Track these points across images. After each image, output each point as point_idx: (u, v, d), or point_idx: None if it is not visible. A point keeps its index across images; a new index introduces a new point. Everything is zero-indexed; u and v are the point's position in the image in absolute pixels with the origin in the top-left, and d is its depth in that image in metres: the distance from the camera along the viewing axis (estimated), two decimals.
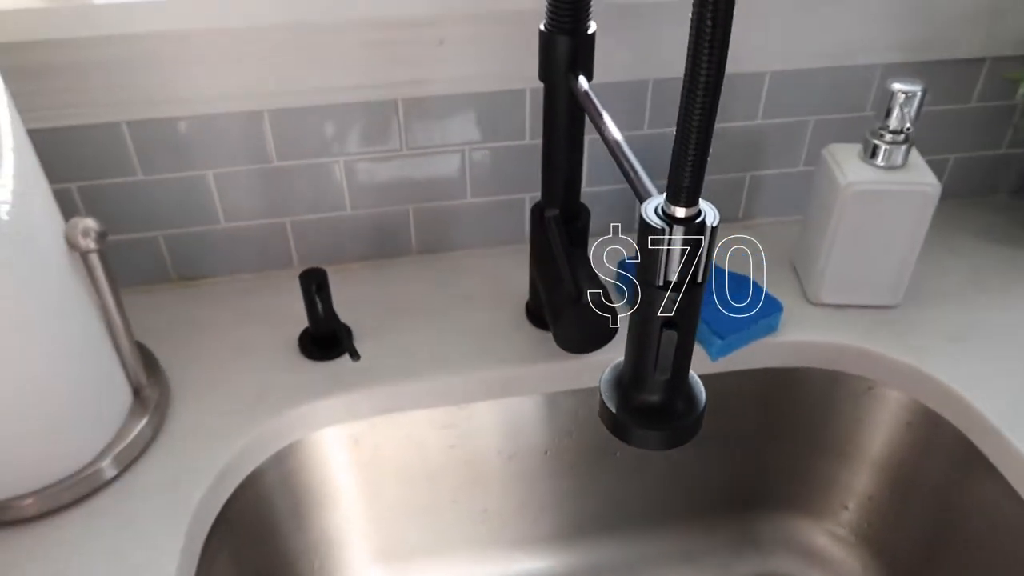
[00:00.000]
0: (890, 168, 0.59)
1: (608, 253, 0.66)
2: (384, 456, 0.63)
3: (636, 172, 0.38)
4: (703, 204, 0.33)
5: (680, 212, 0.32)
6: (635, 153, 0.41)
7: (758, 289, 0.63)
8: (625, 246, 0.68)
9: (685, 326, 0.35)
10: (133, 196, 0.62)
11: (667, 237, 0.33)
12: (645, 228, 0.33)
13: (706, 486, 0.71)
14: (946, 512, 0.61)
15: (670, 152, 0.32)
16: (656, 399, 0.38)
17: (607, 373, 0.41)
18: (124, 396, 0.53)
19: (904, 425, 0.63)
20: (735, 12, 0.28)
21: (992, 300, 0.65)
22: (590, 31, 0.50)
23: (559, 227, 0.49)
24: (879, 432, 0.65)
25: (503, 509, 0.69)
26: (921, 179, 0.58)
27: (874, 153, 0.59)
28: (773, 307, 0.61)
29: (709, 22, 0.27)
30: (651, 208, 0.33)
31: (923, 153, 0.70)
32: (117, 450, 0.51)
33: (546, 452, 0.66)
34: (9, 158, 0.42)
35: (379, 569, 0.69)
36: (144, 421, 0.53)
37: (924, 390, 0.60)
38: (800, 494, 0.72)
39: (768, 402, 0.66)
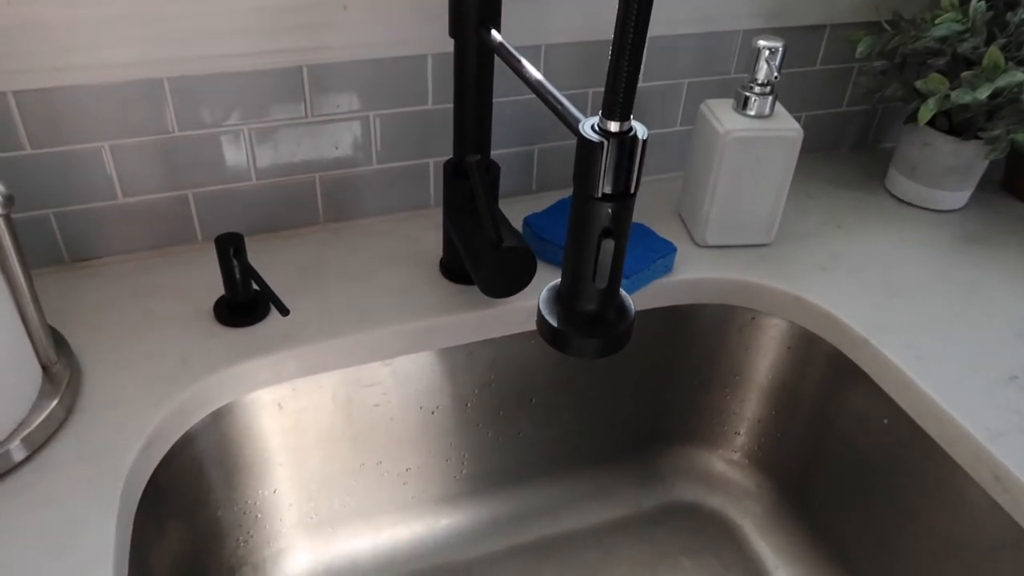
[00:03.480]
0: (760, 117, 0.66)
1: (508, 214, 0.70)
2: (308, 420, 0.63)
3: (562, 103, 0.42)
4: (633, 121, 0.37)
5: (615, 127, 0.36)
6: (535, 113, 0.44)
7: (652, 234, 0.68)
8: (526, 207, 0.72)
9: (621, 234, 0.39)
10: (21, 171, 0.59)
11: (604, 150, 0.36)
12: (584, 144, 0.37)
13: (613, 427, 0.76)
14: (825, 423, 0.69)
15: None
16: (593, 308, 0.42)
17: (544, 293, 0.44)
18: (33, 374, 0.50)
19: (785, 349, 0.71)
20: None
21: (848, 235, 0.74)
22: None
23: (481, 173, 0.52)
24: (763, 358, 0.72)
25: (426, 466, 0.71)
26: (787, 126, 0.66)
27: (746, 104, 0.66)
28: (667, 248, 0.67)
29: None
30: (587, 125, 0.37)
31: None
32: (26, 431, 0.49)
33: (467, 404, 0.68)
34: None
35: (307, 535, 0.69)
36: (56, 401, 0.51)
37: (800, 314, 0.67)
38: (698, 426, 0.78)
39: (667, 341, 0.72)
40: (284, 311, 0.56)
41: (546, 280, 0.47)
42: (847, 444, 0.67)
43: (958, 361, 0.60)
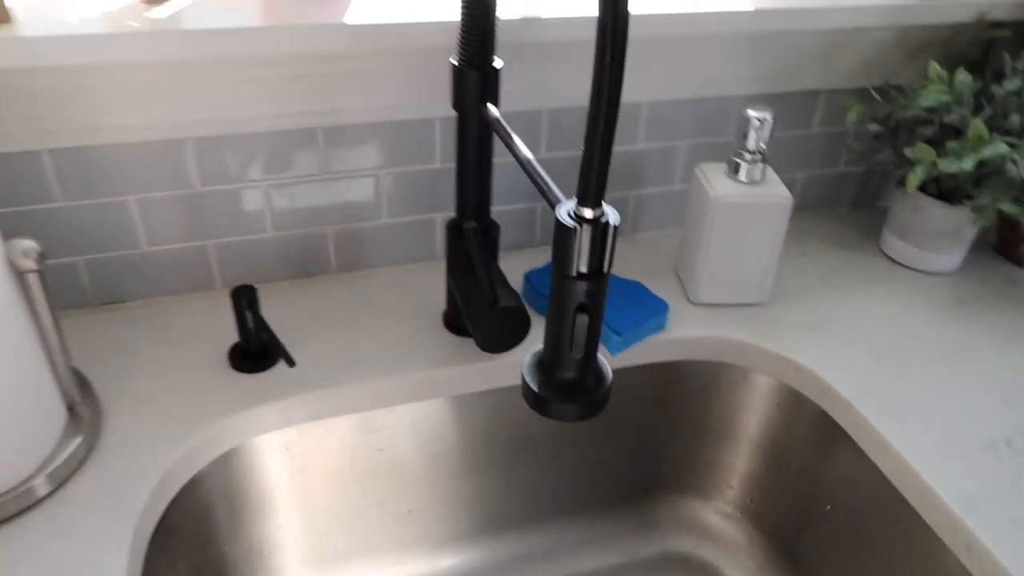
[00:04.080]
0: (751, 183, 0.69)
1: (510, 267, 0.73)
2: (314, 463, 0.66)
3: (547, 183, 0.45)
4: (605, 207, 0.40)
5: (588, 213, 0.39)
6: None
7: (646, 291, 0.71)
8: (528, 259, 0.76)
9: (595, 310, 0.42)
10: (53, 222, 0.63)
11: (578, 235, 0.40)
12: (560, 228, 0.40)
13: (610, 475, 0.79)
14: (815, 481, 0.71)
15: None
16: (571, 376, 0.45)
17: (528, 359, 0.47)
18: (59, 415, 0.54)
19: (774, 407, 0.73)
20: None
21: (841, 296, 0.76)
22: (497, 66, 0.57)
23: (477, 238, 0.55)
24: (754, 414, 0.74)
25: (428, 508, 0.74)
26: (777, 192, 0.69)
27: (737, 170, 0.69)
28: (660, 307, 0.70)
29: (608, 56, 0.34)
30: (563, 211, 0.40)
31: (777, 171, 0.81)
32: (51, 468, 0.53)
33: (465, 451, 0.71)
34: None
35: (310, 571, 0.72)
36: (79, 439, 0.55)
37: (789, 374, 0.70)
38: (691, 477, 0.80)
39: (660, 394, 0.74)
40: (291, 363, 0.60)
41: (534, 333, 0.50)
42: (836, 502, 0.69)
43: (939, 426, 0.62)
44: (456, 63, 0.56)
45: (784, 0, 0.71)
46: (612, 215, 0.40)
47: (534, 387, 0.46)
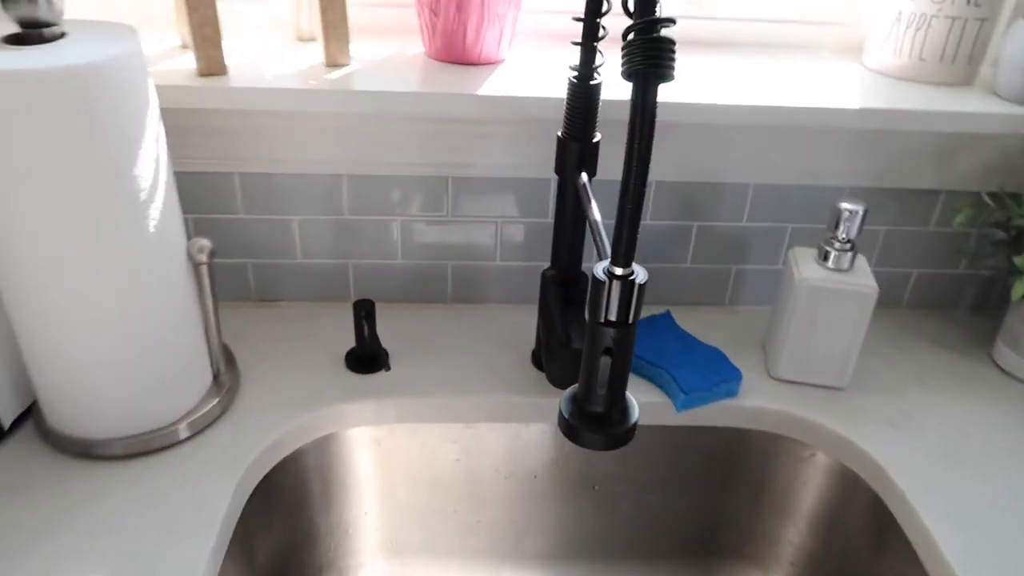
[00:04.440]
0: (838, 270, 0.71)
1: None
2: (400, 461, 0.76)
3: (604, 242, 0.53)
4: (636, 267, 0.47)
5: (618, 271, 0.46)
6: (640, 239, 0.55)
7: (724, 359, 0.75)
8: None
9: (619, 354, 0.49)
10: (233, 230, 0.79)
11: (608, 288, 0.47)
12: (594, 281, 0.47)
13: (671, 528, 0.82)
14: (865, 567, 0.71)
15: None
16: (600, 410, 0.51)
17: (566, 393, 0.54)
18: (205, 376, 0.68)
19: (833, 488, 0.73)
20: (725, 135, 0.42)
21: (928, 396, 0.76)
22: (595, 140, 0.65)
23: (554, 283, 0.63)
24: (812, 492, 0.75)
25: (496, 523, 0.81)
26: (863, 282, 0.71)
27: (826, 257, 0.72)
28: (734, 374, 0.74)
29: (637, 140, 0.42)
30: (600, 268, 0.48)
31: (887, 266, 0.83)
32: (192, 418, 0.66)
33: (535, 476, 0.78)
34: (161, 191, 0.59)
35: (384, 560, 0.81)
36: (216, 400, 0.68)
37: (851, 457, 0.71)
38: (751, 547, 0.82)
39: (725, 457, 0.77)
40: (387, 368, 0.70)
41: None
42: None
43: (995, 539, 0.61)
44: (560, 135, 0.65)
45: (894, 100, 0.73)
46: (641, 274, 0.47)
47: (567, 416, 0.53)
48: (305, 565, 0.76)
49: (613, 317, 0.48)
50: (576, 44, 0.62)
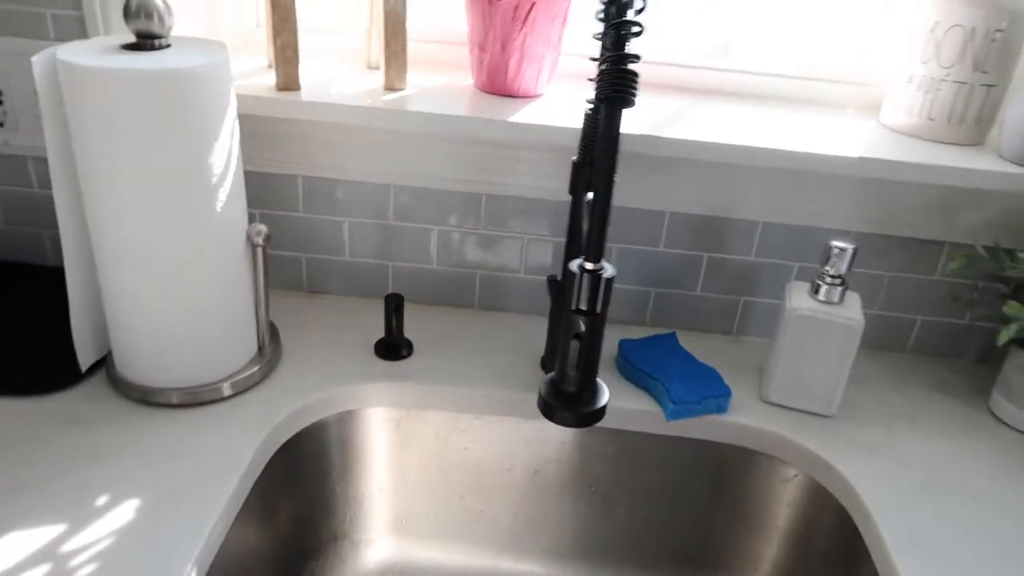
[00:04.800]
0: (828, 303, 0.77)
1: (615, 335, 0.87)
2: (414, 443, 0.84)
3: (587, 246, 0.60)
4: (606, 264, 0.54)
5: (589, 266, 0.54)
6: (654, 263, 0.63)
7: (718, 377, 0.81)
8: (634, 334, 0.89)
9: (587, 340, 0.56)
10: (292, 226, 0.90)
11: (579, 280, 0.54)
12: (568, 274, 0.55)
13: (663, 537, 0.87)
14: None
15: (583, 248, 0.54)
16: (572, 390, 0.59)
17: (545, 379, 0.62)
18: (251, 346, 0.79)
19: (808, 506, 0.77)
20: (739, 173, 0.49)
21: (914, 432, 0.79)
22: None
23: (554, 288, 0.71)
24: (787, 508, 0.80)
25: (498, 514, 0.88)
26: (850, 315, 0.76)
27: (817, 291, 0.77)
28: (724, 391, 0.79)
29: (603, 158, 0.50)
30: (575, 263, 0.55)
31: (892, 311, 0.88)
32: (235, 379, 0.76)
33: (536, 472, 0.85)
34: (230, 178, 0.70)
35: (394, 535, 0.89)
36: (257, 368, 0.78)
37: (832, 482, 0.75)
38: (729, 556, 0.86)
39: (713, 471, 0.82)
40: (400, 357, 0.79)
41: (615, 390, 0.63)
42: None
43: (952, 567, 0.64)
44: (575, 160, 0.74)
45: (895, 153, 0.79)
46: (609, 270, 0.55)
47: (543, 396, 0.60)
48: (321, 533, 0.85)
49: (583, 306, 0.55)
50: (591, 80, 0.71)
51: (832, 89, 0.94)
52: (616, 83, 0.48)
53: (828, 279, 0.76)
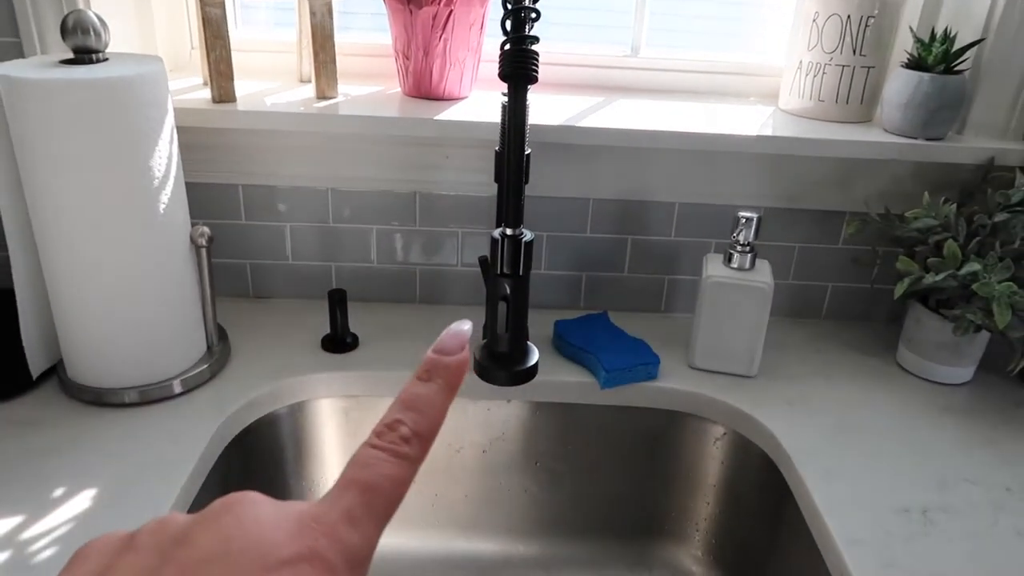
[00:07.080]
0: (740, 270, 0.83)
1: (549, 318, 0.92)
2: (365, 432, 0.87)
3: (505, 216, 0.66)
4: (525, 230, 0.60)
5: (509, 232, 0.59)
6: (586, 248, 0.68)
7: (647, 347, 0.87)
8: (566, 315, 0.94)
9: (514, 301, 0.61)
10: (236, 234, 0.94)
11: (501, 245, 0.60)
12: (492, 240, 0.60)
13: (608, 505, 0.92)
14: (766, 527, 0.80)
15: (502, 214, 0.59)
16: (504, 350, 0.63)
17: (481, 343, 0.66)
18: (200, 346, 0.82)
19: (734, 458, 0.83)
20: (650, 157, 0.55)
21: (829, 385, 0.86)
22: (527, 153, 0.79)
23: (484, 264, 0.76)
24: (715, 463, 0.85)
25: (450, 497, 0.91)
26: (760, 279, 0.82)
27: (730, 260, 0.84)
28: (652, 359, 0.85)
29: (510, 130, 0.55)
30: (496, 231, 0.61)
31: (805, 279, 0.95)
32: (185, 376, 0.79)
33: (484, 451, 0.89)
34: (171, 182, 0.74)
35: None
36: (207, 366, 0.81)
37: (756, 435, 0.81)
38: (675, 523, 0.91)
39: (647, 439, 0.88)
40: (346, 349, 0.83)
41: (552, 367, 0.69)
42: (789, 558, 0.77)
43: (857, 495, 0.70)
44: (497, 150, 0.79)
45: (785, 130, 0.87)
46: (528, 235, 0.60)
47: (478, 358, 0.65)
48: None
49: (507, 269, 0.60)
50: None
51: (734, 81, 1.02)
52: (517, 62, 0.54)
53: (739, 248, 0.83)
